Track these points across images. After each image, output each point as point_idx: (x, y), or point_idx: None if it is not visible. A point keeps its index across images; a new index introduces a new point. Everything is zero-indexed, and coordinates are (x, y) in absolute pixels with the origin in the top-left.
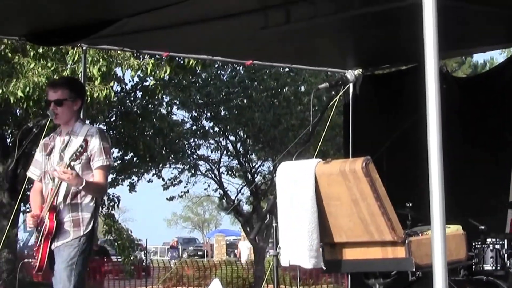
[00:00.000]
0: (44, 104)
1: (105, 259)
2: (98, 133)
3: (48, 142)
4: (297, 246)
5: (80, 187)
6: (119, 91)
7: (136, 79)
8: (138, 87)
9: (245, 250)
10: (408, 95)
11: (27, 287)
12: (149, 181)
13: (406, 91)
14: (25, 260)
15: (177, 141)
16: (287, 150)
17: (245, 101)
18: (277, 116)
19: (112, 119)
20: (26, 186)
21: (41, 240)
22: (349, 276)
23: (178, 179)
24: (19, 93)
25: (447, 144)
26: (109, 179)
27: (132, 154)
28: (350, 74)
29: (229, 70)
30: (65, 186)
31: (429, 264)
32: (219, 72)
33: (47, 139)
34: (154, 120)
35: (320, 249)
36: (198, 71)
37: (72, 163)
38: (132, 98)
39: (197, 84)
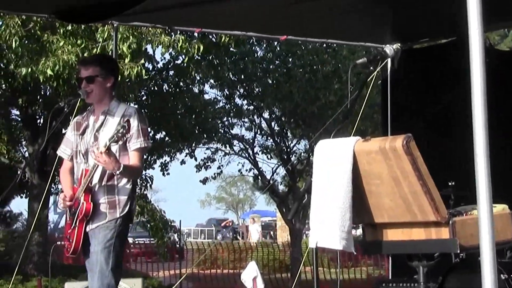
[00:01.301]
0: (74, 82)
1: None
2: (136, 114)
3: (81, 121)
4: (327, 227)
5: (118, 172)
6: (150, 69)
7: (167, 57)
8: (169, 65)
9: (255, 233)
10: (449, 70)
11: (59, 270)
12: (182, 162)
13: (447, 66)
14: (57, 243)
15: (210, 120)
16: (324, 128)
17: (282, 77)
18: (315, 91)
19: (143, 98)
20: (57, 167)
21: (75, 222)
22: (389, 258)
23: (211, 159)
24: (49, 72)
25: (490, 120)
26: None
27: (163, 133)
28: (389, 49)
29: (264, 45)
30: (100, 167)
31: (475, 246)
32: (253, 48)
33: (79, 118)
34: (186, 99)
35: (352, 231)
36: (232, 48)
37: (113, 144)
38: (163, 77)
39: (232, 58)
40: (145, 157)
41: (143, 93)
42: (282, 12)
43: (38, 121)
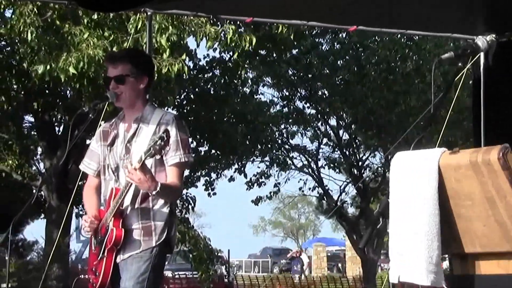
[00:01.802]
0: (101, 83)
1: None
2: (175, 121)
3: (108, 129)
4: (411, 257)
5: (154, 192)
6: (192, 67)
7: (212, 52)
8: (215, 62)
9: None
10: None
11: None
12: (231, 179)
13: None
14: (80, 276)
15: (264, 127)
16: (404, 137)
17: (352, 76)
18: (393, 95)
19: (183, 102)
20: (80, 183)
21: (103, 252)
22: None
23: (265, 175)
24: (71, 70)
25: None
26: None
27: (208, 145)
28: (481, 41)
29: (329, 38)
30: (133, 186)
31: None
32: (317, 40)
33: (107, 126)
34: (236, 102)
35: (441, 263)
36: (291, 41)
37: (148, 159)
38: (208, 76)
39: (292, 53)
40: (186, 173)
41: (184, 95)
42: None
43: (57, 129)
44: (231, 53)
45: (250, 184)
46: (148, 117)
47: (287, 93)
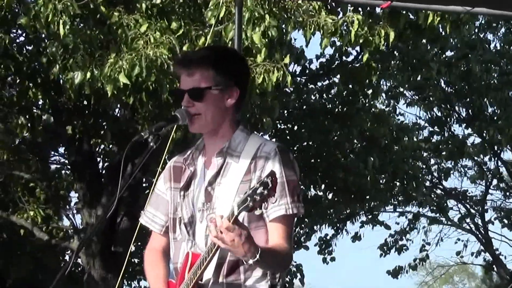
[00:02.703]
0: (167, 97)
1: None
2: (278, 155)
3: (182, 165)
4: None
5: (251, 261)
6: (298, 73)
7: (328, 51)
8: (333, 67)
9: None
10: None
11: None
12: (355, 237)
13: None
14: None
15: (404, 161)
16: None
17: None
18: None
19: (287, 125)
20: (139, 245)
21: None
22: None
23: (404, 232)
24: (122, 79)
25: None
26: None
27: (323, 187)
28: None
29: (502, 31)
30: (218, 251)
31: None
32: (483, 36)
33: (178, 160)
34: (363, 123)
35: None
36: (444, 33)
37: (242, 213)
38: (323, 86)
39: (444, 55)
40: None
41: (287, 115)
42: None
43: (101, 164)
44: (355, 53)
45: (384, 247)
46: (239, 148)
47: (438, 113)
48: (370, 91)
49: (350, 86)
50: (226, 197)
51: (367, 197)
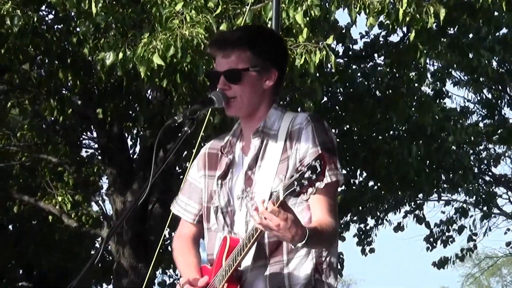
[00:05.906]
0: (203, 79)
1: None
2: (311, 124)
3: (218, 152)
4: None
5: (300, 244)
6: (341, 54)
7: (375, 31)
8: (377, 47)
9: None
10: None
11: None
12: (398, 228)
13: None
14: None
15: (451, 148)
16: None
17: None
18: None
19: (329, 110)
20: (172, 233)
21: None
22: None
23: (450, 222)
24: (155, 60)
25: None
26: None
27: (365, 174)
28: None
29: None
30: (264, 236)
31: None
32: None
33: (213, 146)
34: (408, 107)
35: None
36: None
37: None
38: (367, 68)
39: (497, 36)
40: None
41: (329, 99)
42: None
43: (132, 150)
44: (403, 33)
45: (430, 239)
46: (275, 126)
47: (489, 96)
48: (414, 74)
49: (394, 70)
50: (266, 181)
51: (412, 184)
